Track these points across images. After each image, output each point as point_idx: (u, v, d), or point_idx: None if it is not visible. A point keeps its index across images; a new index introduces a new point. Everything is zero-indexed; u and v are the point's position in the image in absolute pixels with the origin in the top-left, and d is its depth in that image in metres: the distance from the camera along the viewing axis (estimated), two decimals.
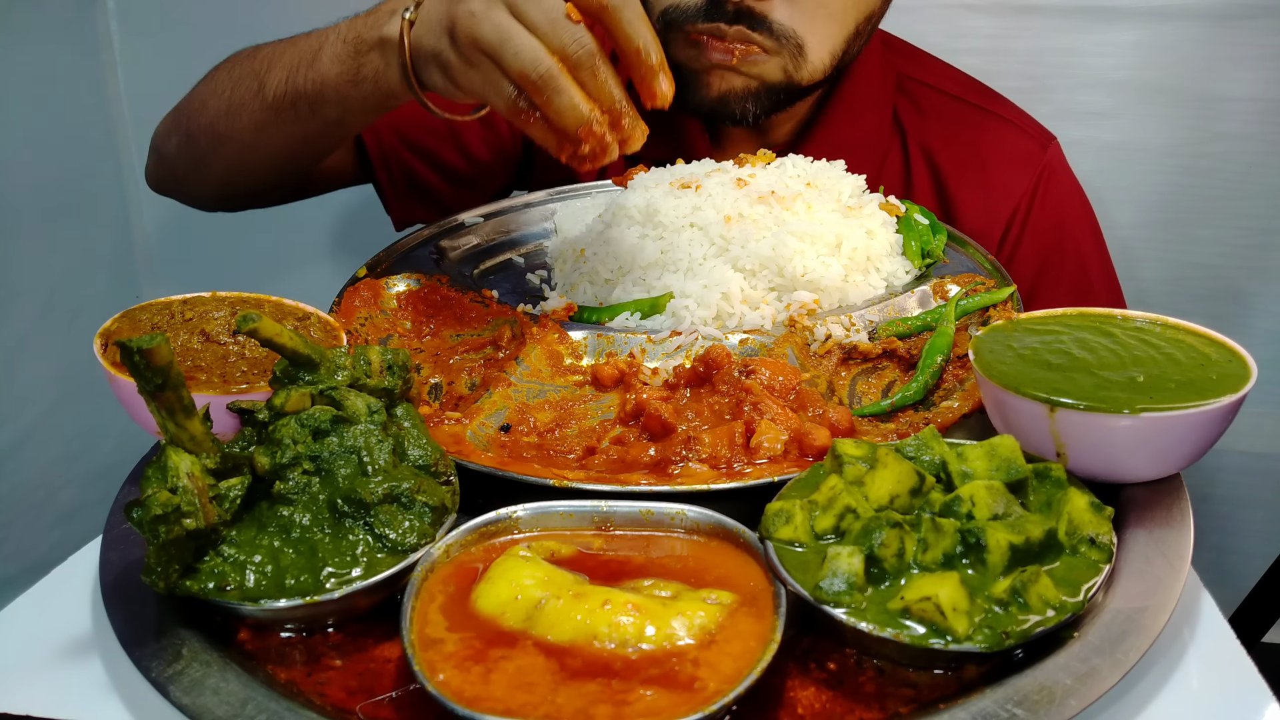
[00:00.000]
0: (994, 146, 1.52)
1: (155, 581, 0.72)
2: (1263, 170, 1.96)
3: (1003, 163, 1.51)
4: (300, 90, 1.21)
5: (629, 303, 1.16)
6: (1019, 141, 1.53)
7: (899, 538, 0.73)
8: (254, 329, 0.80)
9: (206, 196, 1.52)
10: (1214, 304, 2.05)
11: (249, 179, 1.43)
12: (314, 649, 0.75)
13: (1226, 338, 0.88)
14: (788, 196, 1.21)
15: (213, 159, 1.40)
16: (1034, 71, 1.98)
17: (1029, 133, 1.55)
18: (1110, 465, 0.83)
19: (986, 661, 0.70)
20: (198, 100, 1.39)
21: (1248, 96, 1.92)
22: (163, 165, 1.50)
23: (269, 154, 1.35)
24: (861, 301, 1.16)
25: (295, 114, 1.24)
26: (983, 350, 0.90)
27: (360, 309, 1.17)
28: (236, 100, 1.31)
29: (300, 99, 1.22)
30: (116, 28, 2.23)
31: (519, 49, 0.95)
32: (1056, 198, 1.51)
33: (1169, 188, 2.01)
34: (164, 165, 1.50)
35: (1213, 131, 1.96)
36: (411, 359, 0.92)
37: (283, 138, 1.30)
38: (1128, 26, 1.93)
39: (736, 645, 0.69)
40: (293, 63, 1.23)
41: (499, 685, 0.67)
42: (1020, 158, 1.51)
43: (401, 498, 0.79)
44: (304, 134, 1.28)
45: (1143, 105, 1.97)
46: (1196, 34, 1.91)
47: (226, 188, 1.48)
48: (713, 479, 0.89)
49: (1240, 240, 2.01)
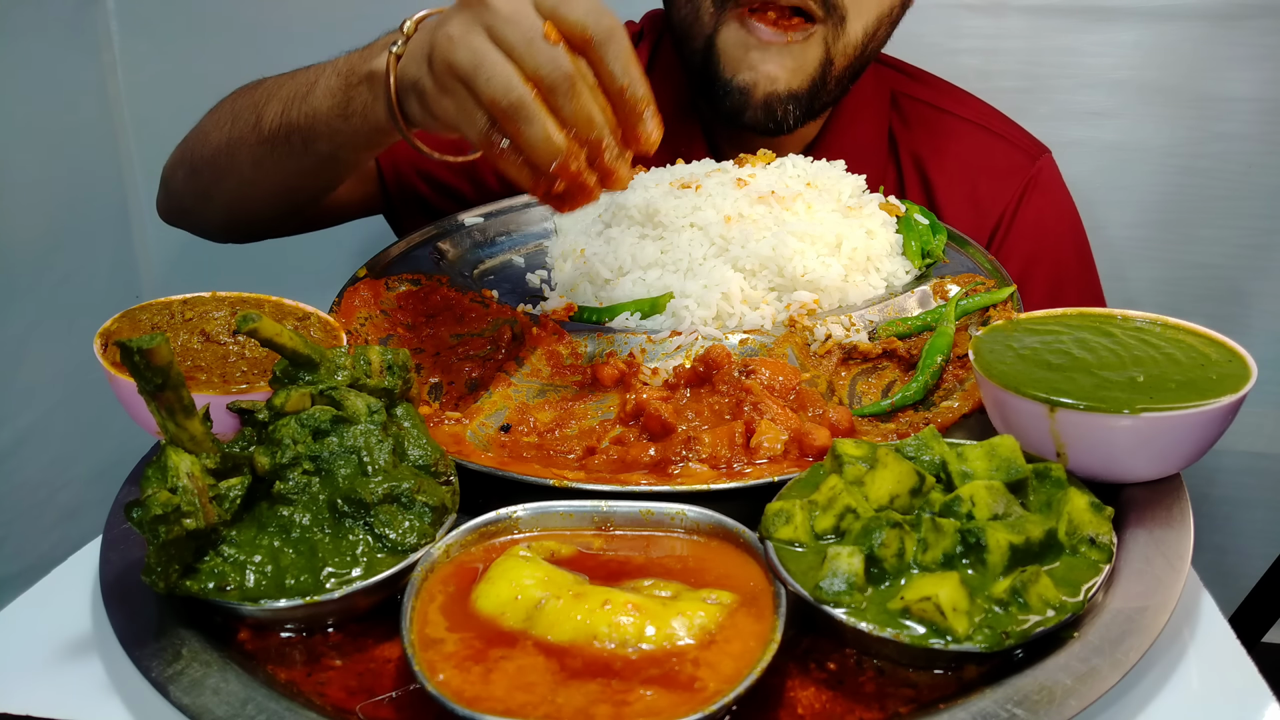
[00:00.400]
0: (982, 160, 1.54)
1: (155, 581, 0.72)
2: (1263, 170, 1.96)
3: (990, 175, 1.53)
4: (294, 124, 1.20)
5: (629, 303, 1.16)
6: (1007, 154, 1.55)
7: (899, 538, 0.73)
8: (254, 329, 0.80)
9: (213, 228, 1.52)
10: (1214, 304, 2.05)
11: (251, 213, 1.43)
12: (314, 649, 0.75)
13: (1226, 338, 0.88)
14: (788, 196, 1.21)
15: (215, 193, 1.40)
16: (1034, 71, 1.98)
17: (1019, 145, 1.56)
18: (1110, 465, 0.83)
19: (986, 661, 0.70)
20: (201, 133, 1.39)
21: (1247, 96, 1.92)
22: (171, 198, 1.51)
23: (268, 189, 1.34)
24: (861, 301, 1.16)
25: (289, 148, 1.23)
26: (983, 350, 0.90)
27: (360, 309, 1.17)
28: (235, 134, 1.30)
29: (294, 133, 1.21)
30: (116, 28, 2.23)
31: (491, 74, 0.89)
32: (1039, 209, 1.53)
33: (1169, 188, 2.01)
34: (172, 198, 1.51)
35: (1212, 131, 1.96)
36: (411, 359, 0.92)
37: (279, 172, 1.29)
38: (1128, 26, 1.93)
39: (736, 645, 0.69)
40: (288, 96, 1.22)
41: (499, 685, 0.67)
42: (1007, 170, 1.53)
43: (401, 498, 0.79)
44: (299, 169, 1.27)
45: (1143, 105, 1.97)
46: (1196, 34, 1.91)
47: (231, 220, 1.48)
48: (713, 479, 0.89)
49: (1240, 240, 2.01)
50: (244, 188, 1.35)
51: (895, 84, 1.59)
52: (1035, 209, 1.53)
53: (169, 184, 1.49)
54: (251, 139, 1.28)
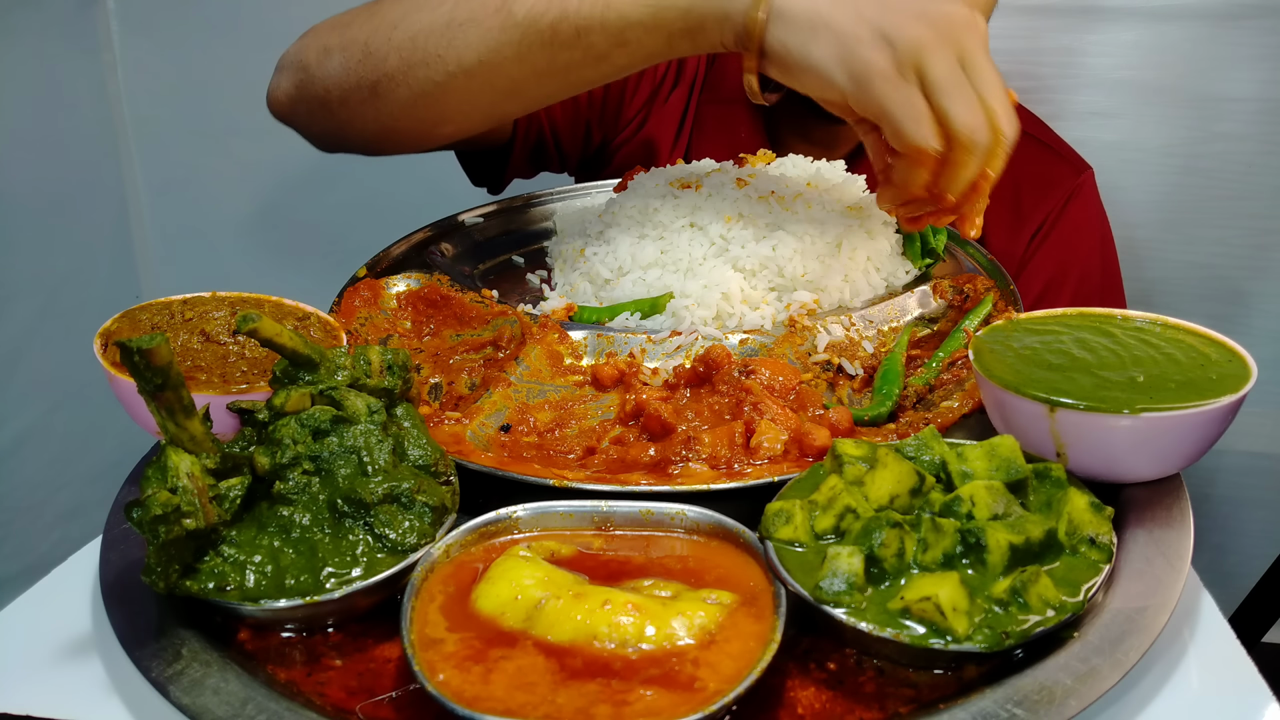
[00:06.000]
0: (1028, 169, 1.54)
1: (155, 581, 0.72)
2: (1263, 170, 1.96)
3: (1034, 185, 1.53)
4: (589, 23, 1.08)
5: (629, 303, 1.16)
6: (1053, 165, 1.55)
7: (899, 538, 0.73)
8: (254, 329, 0.80)
9: (364, 131, 1.30)
10: (1214, 304, 2.06)
11: (441, 112, 1.23)
12: (314, 649, 0.75)
13: (1226, 338, 0.88)
14: (788, 196, 1.21)
15: (401, 82, 1.20)
16: (1034, 71, 1.98)
17: (1065, 158, 1.57)
18: (1110, 465, 0.83)
19: (986, 661, 0.70)
20: (392, 12, 1.21)
21: (1247, 96, 1.93)
22: (309, 89, 1.29)
23: (490, 83, 1.17)
24: (861, 302, 1.16)
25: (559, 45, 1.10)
26: (983, 350, 0.90)
27: (360, 309, 1.17)
28: (463, 15, 1.14)
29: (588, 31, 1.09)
30: (116, 28, 2.23)
31: (968, 104, 0.96)
32: (1075, 222, 1.54)
33: (1169, 188, 2.02)
34: (311, 89, 1.28)
35: (1212, 131, 1.96)
36: (411, 359, 0.92)
37: (523, 68, 1.14)
38: (1128, 26, 1.94)
39: (736, 645, 0.69)
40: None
41: (499, 685, 0.67)
42: (1051, 181, 1.54)
43: (401, 498, 0.79)
44: (561, 65, 1.13)
45: (1143, 105, 1.97)
46: (1196, 34, 1.91)
47: (401, 120, 1.25)
48: (713, 479, 0.89)
49: (1240, 240, 2.01)
50: (455, 80, 1.17)
51: None
52: (1072, 222, 1.53)
53: (309, 69, 1.28)
54: (494, 22, 1.12)
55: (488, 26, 1.13)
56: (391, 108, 1.23)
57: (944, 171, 0.99)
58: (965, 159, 0.97)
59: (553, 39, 1.11)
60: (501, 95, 1.20)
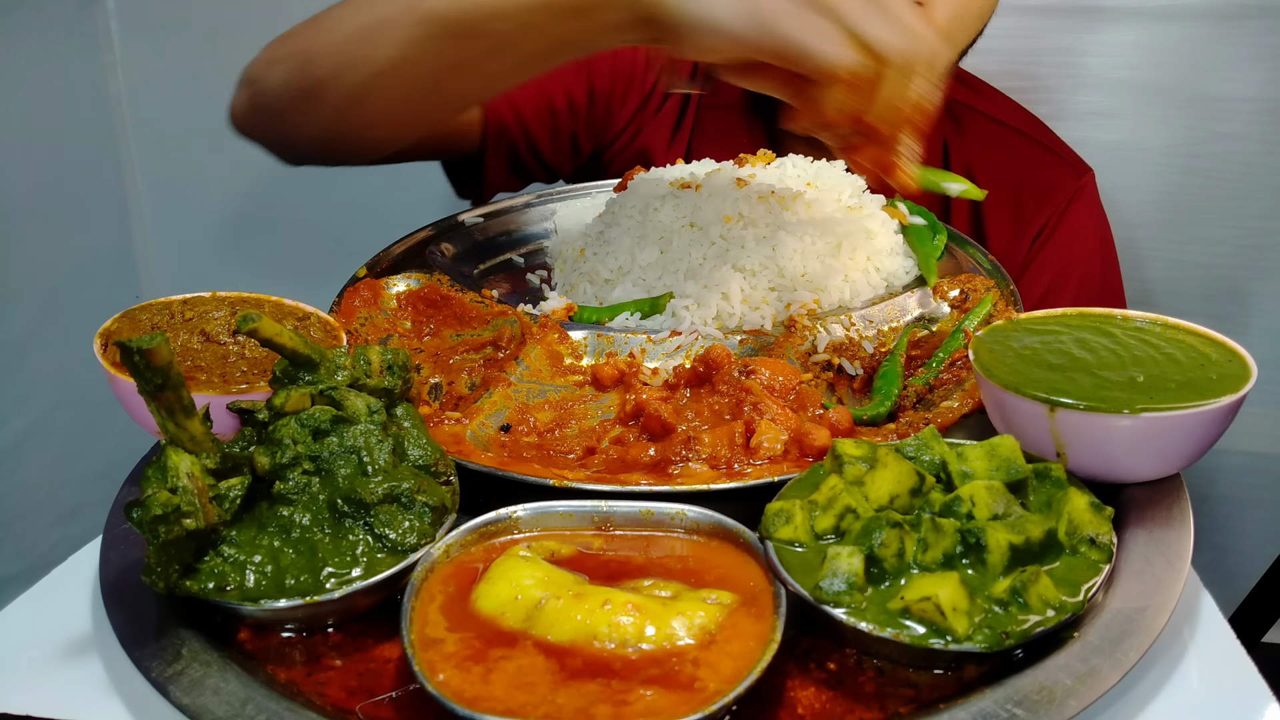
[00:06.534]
0: (1030, 171, 1.54)
1: (155, 581, 0.72)
2: (1263, 170, 1.96)
3: (1035, 188, 1.53)
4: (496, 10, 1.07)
5: (629, 303, 1.16)
6: (1055, 168, 1.56)
7: (899, 538, 0.73)
8: (254, 329, 0.80)
9: (307, 138, 1.33)
10: (1214, 304, 2.06)
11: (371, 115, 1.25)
12: (314, 649, 0.75)
13: (1226, 338, 0.88)
14: (788, 196, 1.21)
15: (332, 87, 1.21)
16: (1034, 71, 1.98)
17: (1067, 161, 1.57)
18: (1110, 465, 0.83)
19: (986, 661, 0.70)
20: (327, 19, 1.23)
21: (1247, 96, 1.93)
22: (258, 99, 1.31)
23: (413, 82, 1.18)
24: (861, 302, 1.16)
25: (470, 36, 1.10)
26: (983, 350, 0.90)
27: (360, 309, 1.17)
28: (381, 14, 1.15)
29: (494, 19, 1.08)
30: (116, 28, 2.24)
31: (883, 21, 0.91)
32: (1076, 226, 1.54)
33: (1169, 188, 2.02)
34: (260, 99, 1.31)
35: (1213, 131, 1.96)
36: (411, 359, 0.92)
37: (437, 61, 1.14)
38: (1128, 26, 1.94)
39: (736, 645, 0.69)
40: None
41: (499, 685, 0.67)
42: (1053, 184, 1.54)
43: (401, 498, 0.79)
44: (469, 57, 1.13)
45: (1143, 105, 1.97)
46: (1196, 34, 1.91)
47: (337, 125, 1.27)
48: (713, 479, 0.89)
49: (1240, 240, 2.01)
50: (378, 80, 1.18)
51: (953, 92, 1.59)
52: (1074, 226, 1.53)
53: (259, 83, 1.30)
54: (406, 19, 1.13)
55: (401, 23, 1.13)
56: (327, 112, 1.25)
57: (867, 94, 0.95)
58: (886, 74, 0.93)
59: (460, 29, 1.10)
60: (422, 93, 1.20)
